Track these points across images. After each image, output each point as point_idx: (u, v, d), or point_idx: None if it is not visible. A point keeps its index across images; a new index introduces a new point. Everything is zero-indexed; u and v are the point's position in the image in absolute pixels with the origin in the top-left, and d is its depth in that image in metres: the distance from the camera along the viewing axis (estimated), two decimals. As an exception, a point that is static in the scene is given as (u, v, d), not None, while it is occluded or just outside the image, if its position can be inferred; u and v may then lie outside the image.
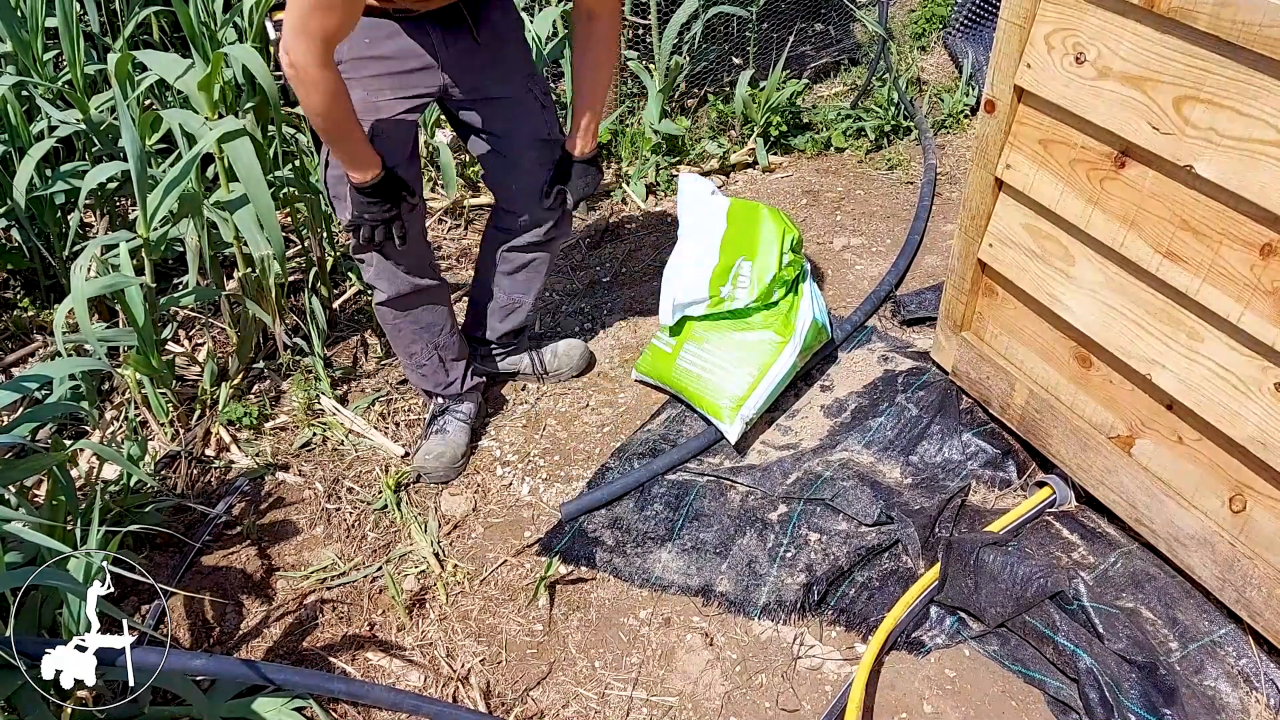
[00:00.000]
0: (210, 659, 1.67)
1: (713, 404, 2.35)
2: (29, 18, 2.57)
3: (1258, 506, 1.74)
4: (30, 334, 2.77)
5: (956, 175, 3.60)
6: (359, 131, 1.89)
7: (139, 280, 2.23)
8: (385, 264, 2.17)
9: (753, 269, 2.41)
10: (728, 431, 2.34)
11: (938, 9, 4.67)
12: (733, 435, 2.33)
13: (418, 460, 2.36)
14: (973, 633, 1.98)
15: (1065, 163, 1.85)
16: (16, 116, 2.56)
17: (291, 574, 2.16)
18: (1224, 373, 1.68)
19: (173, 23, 3.41)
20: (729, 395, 2.33)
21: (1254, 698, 1.78)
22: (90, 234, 2.92)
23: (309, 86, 1.75)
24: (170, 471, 2.36)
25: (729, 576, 2.09)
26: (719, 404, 2.34)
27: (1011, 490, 2.25)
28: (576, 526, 2.21)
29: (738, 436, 2.34)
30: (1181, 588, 1.95)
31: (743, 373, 2.36)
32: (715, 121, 3.86)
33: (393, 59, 1.97)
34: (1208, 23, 1.47)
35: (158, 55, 2.37)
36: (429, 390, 2.45)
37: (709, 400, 2.36)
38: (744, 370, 2.36)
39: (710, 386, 2.37)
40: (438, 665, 1.96)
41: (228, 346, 2.71)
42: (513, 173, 2.23)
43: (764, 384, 2.35)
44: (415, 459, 2.37)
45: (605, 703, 1.91)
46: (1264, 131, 1.46)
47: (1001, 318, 2.22)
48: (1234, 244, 1.58)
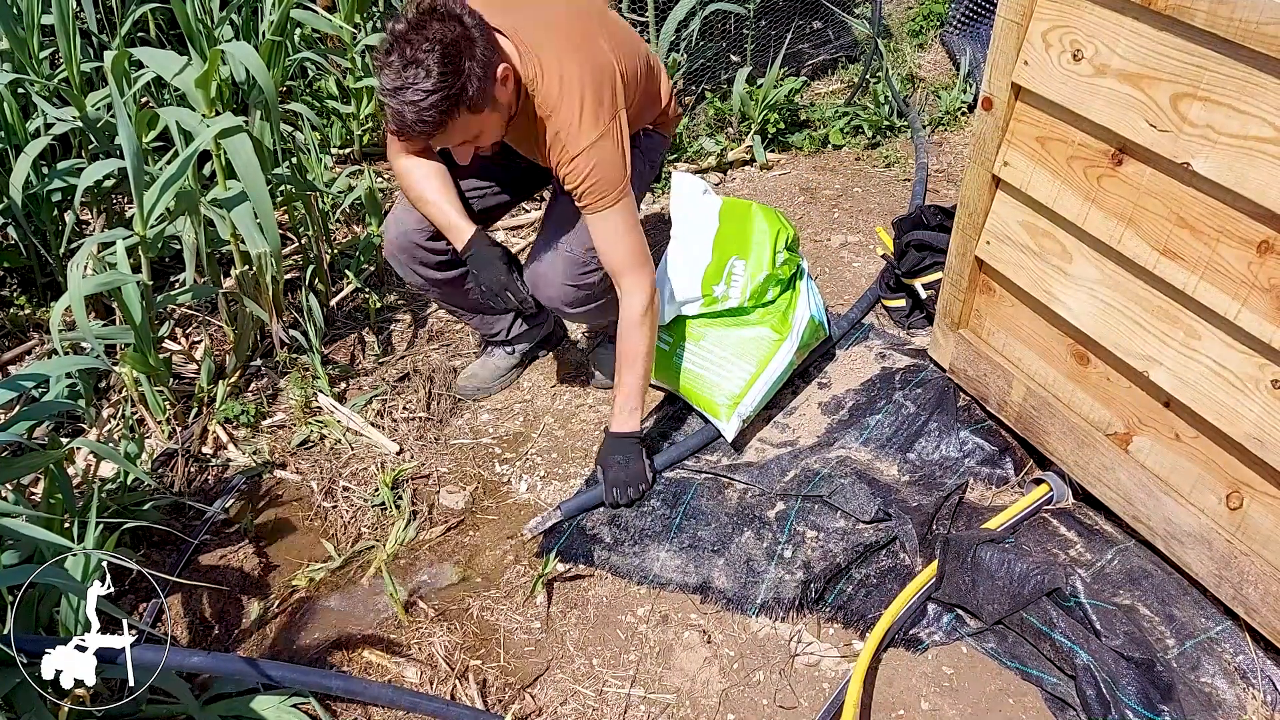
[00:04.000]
0: (209, 656, 1.67)
1: (710, 401, 2.35)
2: (25, 14, 2.57)
3: (1255, 503, 1.74)
4: (27, 332, 2.76)
5: (954, 173, 3.60)
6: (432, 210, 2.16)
7: (136, 278, 2.22)
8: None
9: (746, 267, 2.41)
10: (725, 429, 2.34)
11: (935, 6, 4.67)
12: (730, 433, 2.34)
13: (459, 381, 2.66)
14: (970, 630, 1.98)
15: (1063, 160, 1.85)
16: (13, 114, 2.56)
17: (289, 571, 2.16)
18: (1221, 370, 1.69)
19: (170, 20, 3.40)
20: (726, 393, 2.33)
21: (1250, 694, 1.79)
22: (87, 231, 2.92)
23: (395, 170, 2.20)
24: (167, 469, 2.36)
25: (727, 574, 2.09)
26: (716, 401, 2.34)
27: (1009, 487, 2.25)
28: (574, 524, 2.21)
29: (735, 434, 2.34)
30: (1178, 584, 1.95)
31: (740, 370, 2.36)
32: (713, 119, 3.86)
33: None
34: (1205, 20, 1.47)
35: (154, 52, 2.37)
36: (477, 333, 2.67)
37: (706, 398, 2.36)
38: (741, 367, 2.36)
39: (707, 384, 2.37)
40: (435, 662, 1.96)
41: (225, 344, 2.70)
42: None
43: (761, 381, 2.35)
44: (458, 380, 2.66)
45: (603, 700, 1.91)
46: (1261, 129, 1.46)
47: (999, 315, 2.22)
48: (1231, 241, 1.58)
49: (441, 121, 1.80)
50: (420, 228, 2.26)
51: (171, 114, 2.34)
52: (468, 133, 1.89)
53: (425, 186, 2.14)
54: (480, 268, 2.17)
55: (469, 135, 1.90)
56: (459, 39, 1.77)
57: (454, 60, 1.75)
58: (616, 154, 2.03)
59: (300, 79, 3.51)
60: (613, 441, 2.22)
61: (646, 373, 2.21)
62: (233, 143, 2.22)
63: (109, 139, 2.61)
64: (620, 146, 2.03)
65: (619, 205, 2.05)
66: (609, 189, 2.02)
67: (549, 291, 2.21)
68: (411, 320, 2.90)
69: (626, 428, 2.22)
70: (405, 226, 2.27)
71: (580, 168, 1.99)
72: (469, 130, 1.89)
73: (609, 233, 2.07)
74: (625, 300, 2.13)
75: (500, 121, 1.95)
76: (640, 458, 2.22)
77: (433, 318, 2.90)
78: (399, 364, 2.73)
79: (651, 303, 2.13)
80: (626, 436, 2.22)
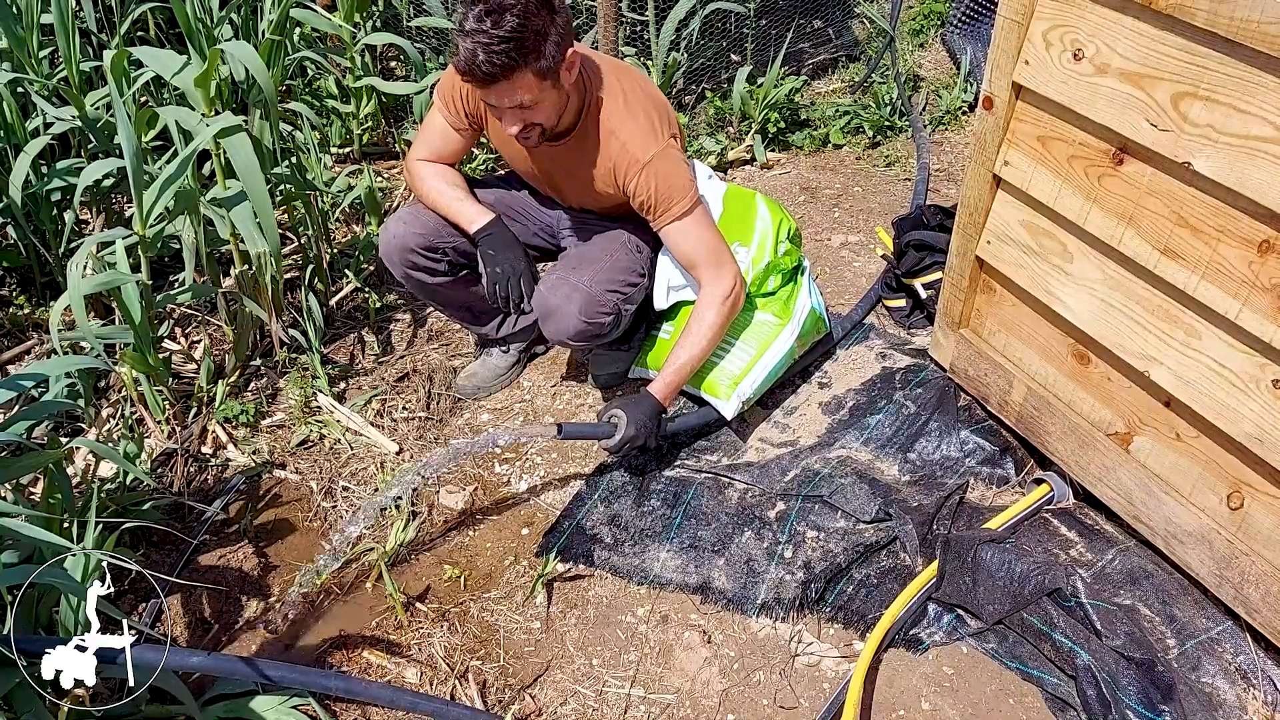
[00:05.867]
0: (209, 657, 1.67)
1: (710, 380, 2.34)
2: (24, 14, 2.56)
3: (1255, 503, 1.74)
4: (26, 331, 2.76)
5: (955, 173, 3.60)
6: (449, 199, 2.26)
7: (135, 277, 2.22)
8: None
9: (748, 254, 2.40)
10: (724, 408, 2.33)
11: (936, 6, 4.67)
12: (729, 411, 2.32)
13: (458, 381, 2.65)
14: (971, 630, 1.98)
15: (1063, 160, 1.85)
16: (12, 113, 2.56)
17: (289, 572, 2.16)
18: (1222, 370, 1.68)
19: (169, 19, 3.40)
20: (727, 373, 2.33)
21: (1251, 694, 1.79)
22: (86, 231, 2.91)
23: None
24: (167, 469, 2.35)
25: (727, 574, 2.09)
26: (716, 380, 2.33)
27: (1009, 487, 2.25)
28: (574, 523, 2.21)
29: (734, 413, 2.33)
30: (1179, 585, 1.95)
31: (741, 352, 2.36)
32: (713, 118, 3.86)
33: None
34: (1205, 19, 1.47)
35: (154, 51, 2.37)
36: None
37: (707, 378, 2.35)
38: (742, 349, 2.36)
39: (708, 365, 2.35)
40: (435, 663, 1.96)
41: (224, 344, 2.70)
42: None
43: (762, 363, 2.35)
44: (457, 380, 2.66)
45: (603, 700, 1.91)
46: (1262, 128, 1.46)
47: (1000, 315, 2.22)
48: (1232, 241, 1.58)
49: (508, 67, 1.83)
50: (420, 233, 2.27)
51: (171, 113, 2.34)
52: (526, 95, 1.91)
53: (444, 178, 2.25)
54: (497, 248, 2.19)
55: (526, 99, 1.92)
56: (544, 6, 1.85)
57: (536, 18, 1.83)
58: (681, 165, 2.11)
59: (300, 78, 3.50)
60: (649, 403, 2.19)
61: (700, 356, 2.21)
62: (232, 142, 2.21)
63: (108, 138, 2.61)
64: (682, 159, 2.12)
65: (695, 213, 2.11)
66: (680, 195, 2.09)
67: (562, 324, 2.21)
68: (411, 320, 2.90)
69: (665, 398, 2.21)
70: (404, 240, 2.28)
71: (649, 177, 2.06)
72: (529, 92, 1.91)
73: (688, 240, 2.14)
74: (705, 291, 2.18)
75: (557, 104, 1.99)
76: (659, 425, 2.20)
77: (432, 317, 2.90)
78: (399, 363, 2.73)
79: (732, 294, 2.17)
80: (661, 407, 2.20)
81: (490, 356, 2.66)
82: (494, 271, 2.20)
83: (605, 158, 2.11)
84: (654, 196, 2.08)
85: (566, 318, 2.19)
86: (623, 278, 2.24)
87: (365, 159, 3.49)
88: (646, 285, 2.34)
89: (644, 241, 2.31)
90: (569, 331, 2.21)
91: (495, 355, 2.66)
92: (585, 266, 2.23)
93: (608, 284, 2.20)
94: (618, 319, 2.24)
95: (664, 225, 2.12)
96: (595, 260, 2.24)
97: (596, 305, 2.19)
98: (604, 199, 2.24)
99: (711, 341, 2.20)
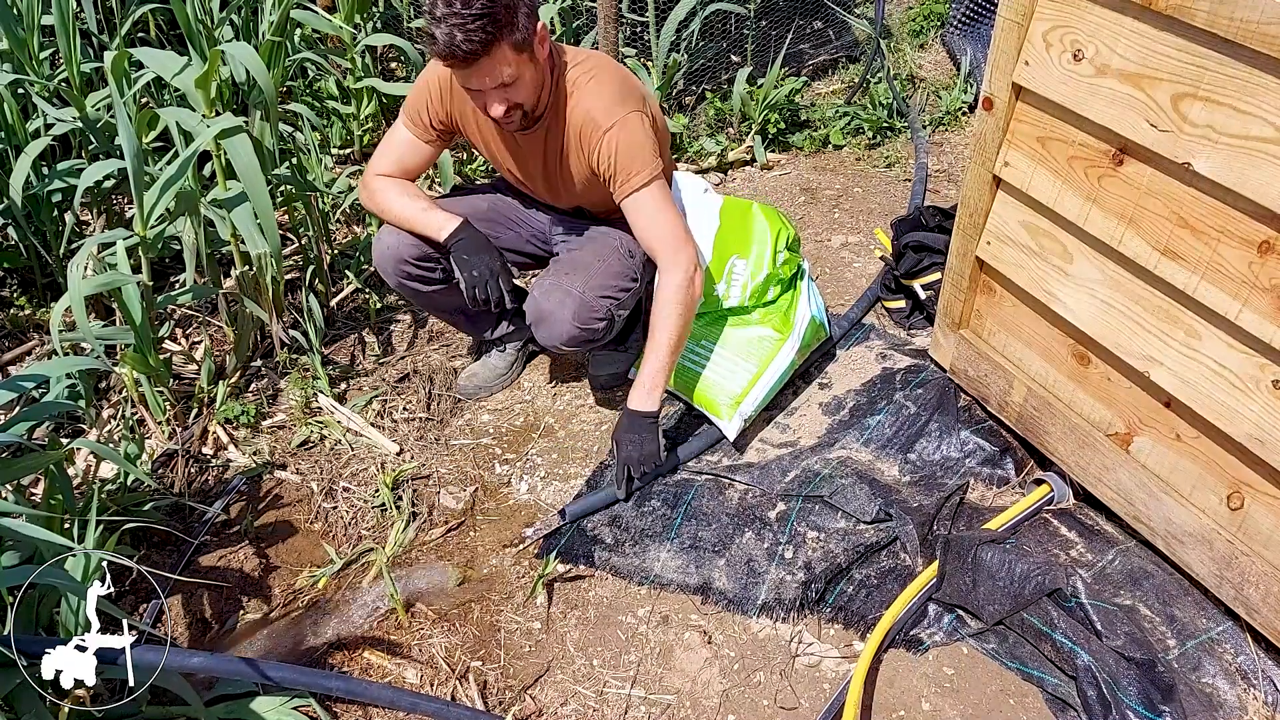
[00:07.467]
0: (209, 657, 1.67)
1: (711, 401, 2.35)
2: (25, 15, 2.56)
3: (1256, 504, 1.74)
4: (27, 332, 2.76)
5: (954, 173, 3.60)
6: (414, 211, 2.24)
7: (136, 278, 2.22)
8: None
9: (746, 266, 2.41)
10: (726, 429, 2.34)
11: (936, 6, 4.67)
12: (731, 432, 2.33)
13: (459, 381, 2.65)
14: (971, 630, 1.98)
15: (1063, 160, 1.85)
16: (12, 114, 2.56)
17: (289, 572, 2.16)
18: (1222, 370, 1.69)
19: (170, 20, 3.41)
20: (728, 393, 2.33)
21: (1251, 695, 1.79)
22: (87, 232, 2.92)
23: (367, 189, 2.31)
24: (168, 470, 2.36)
25: (727, 574, 2.09)
26: (718, 401, 2.34)
27: (1009, 488, 2.25)
28: (575, 525, 2.21)
29: (736, 434, 2.34)
30: (1179, 585, 1.95)
31: (741, 370, 2.36)
32: (713, 119, 3.86)
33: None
34: (1205, 20, 1.47)
35: (154, 52, 2.37)
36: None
37: (707, 397, 2.36)
38: (743, 367, 2.36)
39: (709, 383, 2.36)
40: (436, 663, 1.96)
41: (225, 345, 2.70)
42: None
43: (763, 381, 2.35)
44: (458, 380, 2.66)
45: (603, 700, 1.91)
46: (1262, 129, 1.46)
47: (1000, 315, 2.22)
48: (1232, 241, 1.58)
49: (486, 42, 1.84)
50: (414, 242, 2.26)
51: (171, 114, 2.34)
52: (507, 69, 1.92)
53: (406, 191, 2.25)
54: (470, 252, 2.17)
55: (507, 74, 1.92)
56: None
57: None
58: (646, 134, 2.08)
59: (300, 79, 3.50)
60: (628, 418, 2.18)
61: (673, 353, 2.16)
62: (233, 143, 2.21)
63: (109, 139, 2.61)
64: (648, 131, 2.09)
65: (653, 185, 2.08)
66: (643, 165, 2.06)
67: (555, 330, 2.20)
68: (411, 320, 2.90)
69: (644, 406, 2.17)
70: (398, 251, 2.28)
71: (611, 141, 2.04)
72: (509, 65, 1.91)
73: (645, 213, 2.10)
74: (662, 279, 2.12)
75: (535, 80, 2.00)
76: (656, 438, 2.19)
77: (432, 318, 2.90)
78: (399, 364, 2.73)
79: (690, 282, 2.11)
80: (643, 415, 2.17)
81: (490, 357, 2.67)
82: (470, 275, 2.18)
83: (572, 128, 2.10)
84: (615, 163, 2.06)
85: (560, 323, 2.19)
86: (616, 283, 2.24)
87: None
88: (639, 290, 2.33)
89: (636, 246, 2.31)
90: (562, 337, 2.21)
91: (495, 355, 2.67)
92: (578, 272, 2.22)
93: (601, 289, 2.20)
94: (610, 324, 2.24)
95: (625, 196, 2.09)
96: (588, 265, 2.24)
97: (590, 311, 2.19)
98: (586, 185, 2.22)
99: (681, 335, 2.16)
